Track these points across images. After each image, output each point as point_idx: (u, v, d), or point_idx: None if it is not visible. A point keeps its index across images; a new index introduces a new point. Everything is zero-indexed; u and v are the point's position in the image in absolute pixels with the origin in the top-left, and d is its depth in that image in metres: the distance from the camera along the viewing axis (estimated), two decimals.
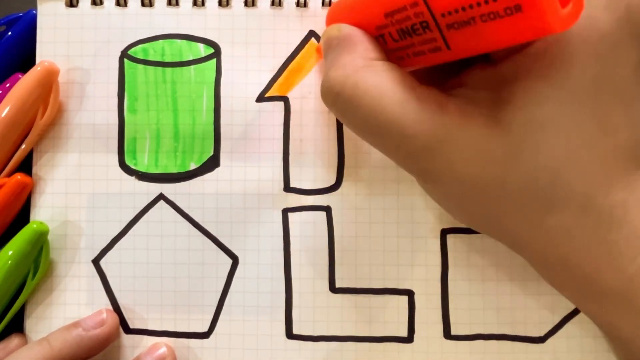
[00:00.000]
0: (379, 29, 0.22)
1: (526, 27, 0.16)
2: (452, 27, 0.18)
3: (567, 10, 0.16)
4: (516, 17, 0.16)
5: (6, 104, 0.27)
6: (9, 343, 0.28)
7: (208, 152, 0.29)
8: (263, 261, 0.29)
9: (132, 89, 0.29)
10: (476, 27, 0.17)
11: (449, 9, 0.18)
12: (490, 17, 0.16)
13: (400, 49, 0.22)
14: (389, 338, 0.28)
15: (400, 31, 0.21)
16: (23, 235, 0.27)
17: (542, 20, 0.15)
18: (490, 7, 0.16)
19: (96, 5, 0.29)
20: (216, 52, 0.29)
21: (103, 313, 0.28)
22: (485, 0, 0.16)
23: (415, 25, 0.20)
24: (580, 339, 0.28)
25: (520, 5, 0.15)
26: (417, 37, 0.21)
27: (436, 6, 0.19)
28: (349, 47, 0.22)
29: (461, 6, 0.17)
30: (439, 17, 0.19)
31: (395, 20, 0.21)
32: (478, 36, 0.18)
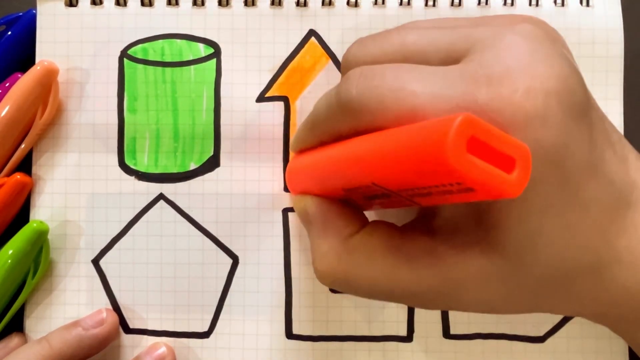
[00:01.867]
0: (344, 196, 0.22)
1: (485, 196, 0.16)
2: (415, 196, 0.18)
3: (515, 175, 0.15)
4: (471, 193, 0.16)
5: (5, 104, 0.27)
6: (8, 342, 0.28)
7: (208, 152, 0.29)
8: (263, 261, 0.29)
9: (131, 88, 0.29)
10: (437, 196, 0.17)
11: (404, 189, 0.18)
12: (447, 192, 0.16)
13: (370, 205, 0.22)
14: (388, 337, 0.28)
15: (365, 197, 0.21)
16: (23, 234, 0.27)
17: (496, 194, 0.15)
18: (443, 189, 0.16)
19: (96, 5, 0.29)
20: (216, 52, 0.29)
21: (103, 312, 0.28)
22: (435, 185, 0.16)
23: (378, 194, 0.20)
24: (581, 339, 0.28)
25: (471, 188, 0.15)
26: (384, 199, 0.20)
27: (391, 186, 0.18)
28: (322, 228, 0.22)
29: (414, 188, 0.17)
30: (397, 192, 0.19)
31: (358, 192, 0.21)
32: (442, 199, 0.17)
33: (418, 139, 0.16)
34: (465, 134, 0.14)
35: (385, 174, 0.18)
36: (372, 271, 0.21)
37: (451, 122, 0.14)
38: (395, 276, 0.20)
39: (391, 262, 0.21)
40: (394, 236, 0.21)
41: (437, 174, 0.15)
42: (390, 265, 0.21)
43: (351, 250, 0.21)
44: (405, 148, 0.16)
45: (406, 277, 0.20)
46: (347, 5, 0.29)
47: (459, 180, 0.15)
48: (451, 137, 0.14)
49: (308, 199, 0.23)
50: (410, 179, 0.17)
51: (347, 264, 0.21)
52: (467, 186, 0.15)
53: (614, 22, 0.28)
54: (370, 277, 0.21)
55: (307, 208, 0.23)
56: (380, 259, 0.21)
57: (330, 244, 0.22)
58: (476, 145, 0.15)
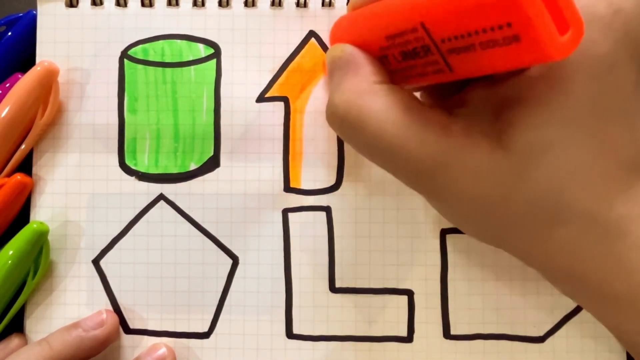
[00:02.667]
0: (382, 50, 0.22)
1: (526, 54, 0.16)
2: (453, 52, 0.18)
3: (566, 37, 0.15)
4: (515, 45, 0.16)
5: (6, 104, 0.27)
6: (9, 343, 0.28)
7: (208, 152, 0.29)
8: (263, 261, 0.29)
9: (132, 89, 0.29)
10: (476, 53, 0.17)
11: (448, 35, 0.18)
12: (490, 44, 0.16)
13: (404, 69, 0.22)
14: (388, 338, 0.28)
15: (403, 53, 0.21)
16: (23, 235, 0.27)
17: (541, 50, 0.15)
18: (489, 36, 0.16)
19: (96, 6, 0.29)
20: (216, 53, 0.29)
21: (103, 313, 0.28)
22: (484, 29, 0.16)
23: (417, 49, 0.20)
24: (580, 338, 0.28)
25: (518, 36, 0.15)
26: (419, 60, 0.20)
27: (435, 33, 0.18)
28: (352, 70, 0.22)
29: (460, 34, 0.17)
30: (439, 42, 0.19)
31: (397, 43, 0.21)
32: (479, 61, 0.17)
33: None
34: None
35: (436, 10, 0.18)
36: (384, 119, 0.21)
37: None
38: (404, 133, 0.20)
39: (406, 119, 0.20)
40: (417, 101, 0.21)
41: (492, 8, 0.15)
42: (404, 120, 0.20)
43: (374, 93, 0.21)
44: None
45: (413, 138, 0.20)
46: (347, 6, 0.29)
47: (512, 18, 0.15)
48: None
49: (346, 45, 0.23)
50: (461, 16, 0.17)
51: (365, 103, 0.21)
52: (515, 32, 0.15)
53: None
54: (380, 124, 0.21)
55: (345, 50, 0.23)
56: (398, 111, 0.21)
57: (356, 81, 0.22)
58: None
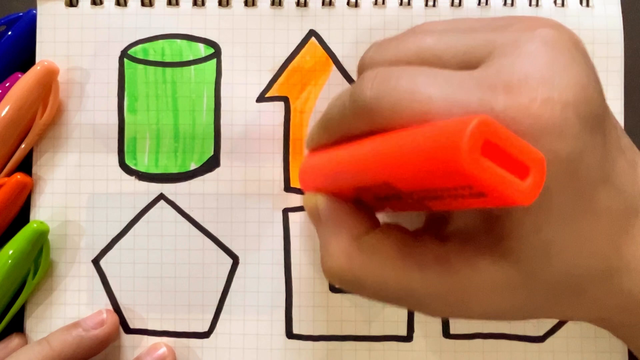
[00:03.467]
0: (356, 195, 0.22)
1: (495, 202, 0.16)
2: (425, 199, 0.18)
3: (529, 181, 0.15)
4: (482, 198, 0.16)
5: (6, 104, 0.27)
6: (9, 343, 0.28)
7: (208, 152, 0.29)
8: (263, 261, 0.29)
9: (132, 89, 0.29)
10: (448, 200, 0.17)
11: (415, 191, 0.18)
12: (459, 197, 0.16)
13: (382, 206, 0.22)
14: (388, 337, 0.28)
15: (376, 197, 0.21)
16: (23, 234, 0.27)
17: (508, 200, 0.15)
18: (454, 192, 0.16)
19: (96, 5, 0.29)
20: (216, 52, 0.29)
21: (103, 313, 0.28)
22: (447, 189, 0.16)
23: (388, 196, 0.20)
24: (580, 338, 0.28)
25: (483, 193, 0.15)
26: (394, 201, 0.20)
27: (403, 188, 0.18)
28: (333, 227, 0.22)
29: (426, 189, 0.17)
30: (409, 194, 0.18)
31: (369, 192, 0.20)
32: (454, 204, 0.17)
33: (432, 139, 0.16)
34: (481, 137, 0.14)
35: (397, 173, 0.18)
36: (382, 273, 0.20)
37: (467, 123, 0.14)
38: (405, 280, 0.20)
39: (402, 266, 0.20)
40: (406, 240, 0.21)
41: (449, 176, 0.15)
42: (400, 268, 0.20)
43: (362, 250, 0.21)
44: (419, 148, 0.16)
45: (416, 282, 0.20)
46: (347, 6, 0.29)
47: (471, 184, 0.15)
48: (466, 139, 0.14)
49: (319, 197, 0.23)
50: (423, 180, 0.17)
51: (357, 264, 0.21)
52: (479, 190, 0.15)
53: (613, 22, 0.28)
54: (379, 279, 0.21)
55: (318, 205, 0.23)
56: (391, 261, 0.20)
57: (340, 242, 0.21)
58: (491, 149, 0.15)
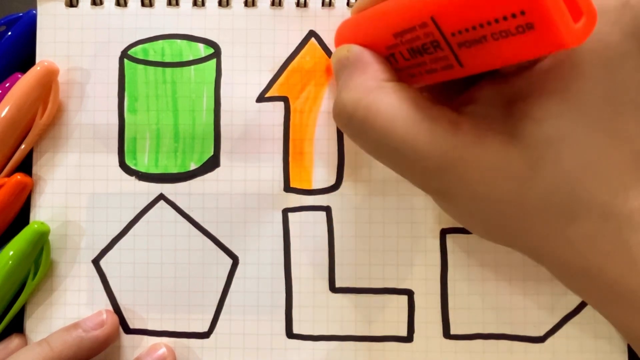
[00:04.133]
0: (389, 49, 0.22)
1: (539, 43, 0.16)
2: (464, 45, 0.18)
3: (580, 25, 0.15)
4: (529, 34, 0.16)
5: (6, 104, 0.27)
6: (9, 343, 0.28)
7: (208, 152, 0.29)
8: (263, 261, 0.29)
9: (132, 89, 0.29)
10: (488, 44, 0.17)
11: (459, 28, 0.18)
12: (502, 35, 0.16)
13: (411, 67, 0.22)
14: (388, 337, 0.28)
15: (410, 50, 0.21)
16: (24, 235, 0.27)
17: (555, 37, 0.15)
18: (501, 26, 0.16)
19: (96, 6, 0.29)
20: (216, 52, 0.29)
21: (103, 314, 0.28)
22: (496, 19, 0.16)
23: (425, 45, 0.20)
24: (580, 339, 0.28)
25: (532, 24, 0.15)
26: (428, 56, 0.20)
27: (446, 26, 0.18)
28: (359, 68, 0.22)
29: (471, 25, 0.17)
30: (449, 36, 0.18)
31: (405, 40, 0.21)
32: (490, 53, 0.17)
33: None
34: None
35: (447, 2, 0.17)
36: (393, 116, 0.20)
37: None
38: (413, 131, 0.20)
39: (415, 116, 0.20)
40: (426, 99, 0.21)
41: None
42: (413, 118, 0.20)
43: (382, 90, 0.21)
44: None
45: (422, 136, 0.20)
46: (347, 6, 0.29)
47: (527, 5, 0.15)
48: None
49: (353, 45, 0.23)
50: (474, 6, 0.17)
51: (373, 100, 0.21)
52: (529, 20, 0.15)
53: None
54: (388, 121, 0.20)
55: (351, 49, 0.23)
56: (406, 109, 0.20)
57: (364, 79, 0.22)
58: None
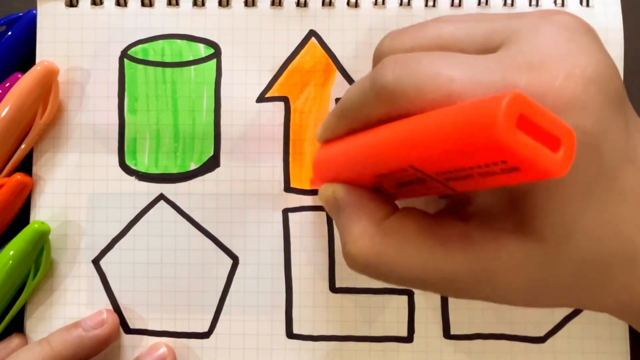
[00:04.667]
0: (375, 183, 0.22)
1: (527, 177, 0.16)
2: (451, 180, 0.18)
3: (561, 153, 0.15)
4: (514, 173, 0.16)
5: (6, 104, 0.27)
6: (9, 343, 0.28)
7: (208, 152, 0.29)
8: (263, 261, 0.29)
9: (132, 89, 0.29)
10: (476, 179, 0.17)
11: (442, 171, 0.18)
12: (489, 174, 0.16)
13: (402, 193, 0.22)
14: (388, 338, 0.28)
15: (398, 184, 0.20)
16: (24, 235, 0.27)
17: (542, 173, 0.15)
18: (485, 170, 0.16)
19: (96, 5, 0.29)
20: (216, 53, 0.29)
21: (103, 313, 0.28)
22: (478, 166, 0.16)
23: (412, 181, 0.19)
24: (581, 339, 0.28)
25: (516, 167, 0.15)
26: (417, 186, 0.20)
27: (428, 170, 0.18)
28: (353, 215, 0.22)
29: (454, 169, 0.17)
30: (434, 175, 0.18)
31: (390, 178, 0.20)
32: (481, 183, 0.17)
33: (464, 116, 0.16)
34: (516, 111, 0.14)
35: (425, 155, 0.17)
36: (407, 254, 0.20)
37: (502, 98, 0.14)
38: (430, 260, 0.20)
39: (426, 246, 0.20)
40: (427, 221, 0.21)
41: (483, 152, 0.15)
42: (424, 248, 0.20)
43: (385, 233, 0.21)
44: (449, 127, 0.16)
45: (441, 262, 0.20)
46: (347, 6, 0.29)
47: (507, 158, 0.15)
48: (502, 113, 0.14)
49: (337, 186, 0.23)
50: (453, 159, 0.17)
51: (381, 247, 0.21)
52: (513, 165, 0.15)
53: (614, 22, 0.28)
54: (404, 261, 0.20)
55: (337, 194, 0.22)
56: (415, 242, 0.20)
57: (362, 227, 0.21)
58: (524, 123, 0.15)
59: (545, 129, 0.15)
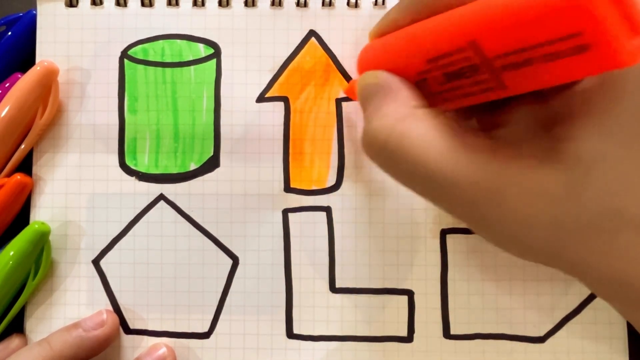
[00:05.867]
0: (421, 74, 0.21)
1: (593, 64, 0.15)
2: (507, 68, 0.17)
3: (637, 42, 0.14)
4: (582, 55, 0.15)
5: (5, 104, 0.27)
6: (9, 343, 0.28)
7: (208, 152, 0.29)
8: (263, 261, 0.29)
9: (132, 89, 0.29)
10: (535, 67, 0.16)
11: (503, 51, 0.17)
12: (553, 57, 0.15)
13: (446, 91, 0.21)
14: (388, 338, 0.28)
15: (446, 75, 0.20)
16: (24, 235, 0.27)
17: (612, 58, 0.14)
18: (553, 48, 0.15)
19: (96, 6, 0.29)
20: (216, 53, 0.29)
21: (103, 314, 0.28)
22: (547, 41, 0.15)
23: (464, 69, 0.19)
24: (581, 339, 0.28)
25: (588, 45, 0.14)
26: (466, 80, 0.19)
27: (489, 50, 0.17)
28: (389, 95, 0.21)
29: (518, 48, 0.16)
30: (492, 60, 0.17)
31: (440, 65, 0.19)
32: (537, 75, 0.16)
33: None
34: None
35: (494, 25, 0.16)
36: (428, 144, 0.19)
37: None
38: (450, 159, 0.19)
39: (449, 144, 0.19)
40: (461, 126, 0.20)
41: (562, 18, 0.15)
42: (447, 145, 0.19)
43: (415, 118, 0.20)
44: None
45: (460, 164, 0.19)
46: (347, 6, 0.29)
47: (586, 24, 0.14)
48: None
49: (380, 71, 0.22)
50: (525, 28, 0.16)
51: (407, 128, 0.20)
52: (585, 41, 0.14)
53: None
54: (424, 150, 0.19)
55: (379, 76, 0.22)
56: (440, 136, 0.19)
57: (395, 106, 0.20)
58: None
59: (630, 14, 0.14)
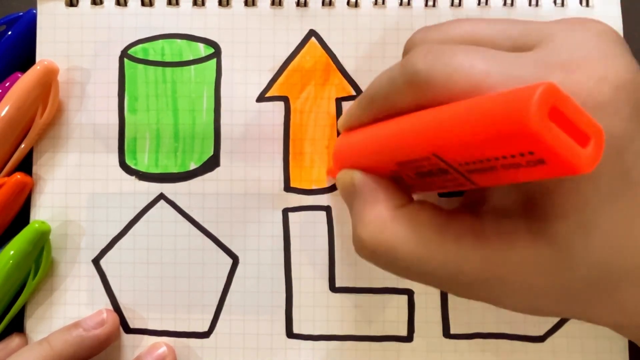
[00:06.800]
0: (394, 172, 0.21)
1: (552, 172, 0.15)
2: (474, 172, 0.18)
3: (590, 149, 0.15)
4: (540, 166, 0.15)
5: (5, 103, 0.27)
6: (9, 343, 0.28)
7: (208, 152, 0.29)
8: (263, 261, 0.29)
9: (132, 89, 0.29)
10: (499, 172, 0.17)
11: (465, 161, 0.17)
12: (513, 167, 0.16)
13: (420, 185, 0.21)
14: (388, 337, 0.28)
15: (418, 174, 0.20)
16: (24, 235, 0.27)
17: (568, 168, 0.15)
18: (510, 161, 0.16)
19: (96, 5, 0.29)
20: (216, 52, 0.29)
21: (103, 313, 0.28)
22: (503, 156, 0.16)
23: (432, 171, 0.19)
24: (581, 339, 0.28)
25: (542, 160, 0.15)
26: (437, 178, 0.20)
27: (451, 160, 0.18)
28: (368, 200, 0.22)
29: (478, 160, 0.17)
30: (456, 166, 0.18)
31: (410, 167, 0.20)
32: (505, 177, 0.17)
33: (496, 103, 0.16)
34: (549, 101, 0.15)
35: (451, 143, 0.17)
36: (417, 244, 0.20)
37: (536, 87, 0.15)
38: (440, 253, 0.20)
39: (437, 238, 0.20)
40: (441, 214, 0.21)
41: (512, 140, 0.15)
42: (436, 240, 0.20)
43: (398, 220, 0.21)
44: (480, 113, 0.16)
45: (451, 255, 0.20)
46: (347, 6, 0.29)
47: (535, 148, 0.15)
48: (536, 100, 0.14)
49: (356, 172, 0.23)
50: (479, 148, 0.16)
51: (392, 234, 0.20)
52: (539, 157, 0.15)
53: (613, 22, 0.28)
54: (414, 251, 0.20)
55: (354, 179, 0.22)
56: (427, 233, 0.20)
57: (377, 212, 0.21)
58: (555, 116, 0.15)
59: (575, 124, 0.15)
